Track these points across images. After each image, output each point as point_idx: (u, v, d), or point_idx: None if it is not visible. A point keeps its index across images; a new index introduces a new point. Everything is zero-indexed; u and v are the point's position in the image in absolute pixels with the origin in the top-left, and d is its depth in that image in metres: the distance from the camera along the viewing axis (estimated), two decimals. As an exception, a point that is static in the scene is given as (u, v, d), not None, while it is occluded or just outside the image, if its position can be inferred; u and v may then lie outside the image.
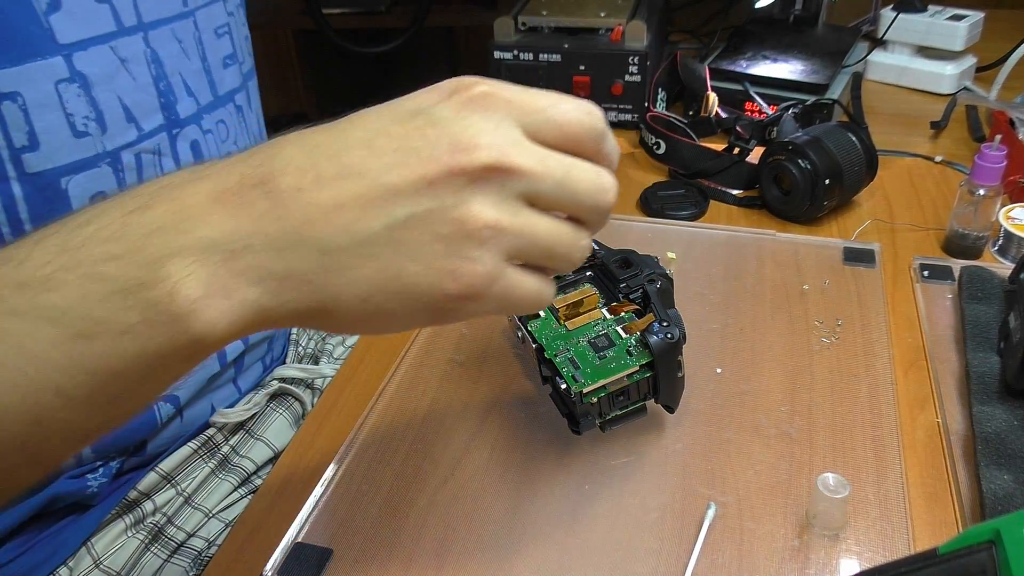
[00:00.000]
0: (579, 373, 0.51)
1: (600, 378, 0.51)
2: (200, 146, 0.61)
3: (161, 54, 0.56)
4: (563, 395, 0.52)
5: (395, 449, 0.57)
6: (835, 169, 0.78)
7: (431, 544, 0.50)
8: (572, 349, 0.53)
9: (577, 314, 0.55)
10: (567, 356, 0.52)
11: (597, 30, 1.04)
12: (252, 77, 0.71)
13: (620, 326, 0.53)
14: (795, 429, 0.57)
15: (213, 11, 0.62)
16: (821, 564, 0.48)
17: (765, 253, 0.75)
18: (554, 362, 0.52)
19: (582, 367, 0.51)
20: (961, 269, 0.71)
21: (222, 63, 0.64)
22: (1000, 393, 0.58)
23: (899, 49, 1.11)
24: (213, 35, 0.62)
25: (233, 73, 0.65)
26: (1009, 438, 0.54)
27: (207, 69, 0.62)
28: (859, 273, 0.73)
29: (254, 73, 0.72)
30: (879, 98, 1.10)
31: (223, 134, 0.64)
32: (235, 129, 0.66)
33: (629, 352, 0.52)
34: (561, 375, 0.51)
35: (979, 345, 0.62)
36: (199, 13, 0.60)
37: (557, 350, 0.53)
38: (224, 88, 0.64)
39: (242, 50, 0.67)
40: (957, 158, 0.93)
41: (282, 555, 0.50)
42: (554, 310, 0.55)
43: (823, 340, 0.65)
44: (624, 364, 0.51)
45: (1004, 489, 0.51)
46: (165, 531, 0.60)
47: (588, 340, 0.53)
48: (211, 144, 0.62)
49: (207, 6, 0.62)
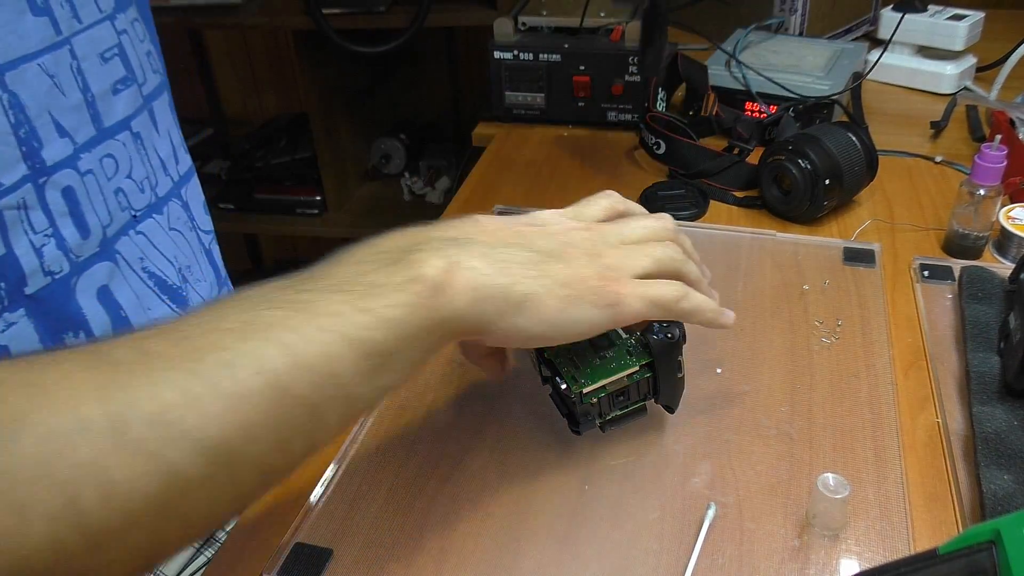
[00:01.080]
0: (579, 373, 0.51)
1: (600, 378, 0.51)
2: (75, 192, 0.54)
3: (22, 96, 0.50)
4: (563, 395, 0.52)
5: (395, 449, 0.57)
6: (835, 169, 0.78)
7: (431, 544, 0.50)
8: (572, 349, 0.52)
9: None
10: (567, 356, 0.52)
11: (597, 30, 1.04)
12: (160, 94, 0.65)
13: (620, 326, 0.53)
14: (795, 429, 0.57)
15: (96, 34, 0.56)
16: (821, 564, 0.48)
17: (765, 253, 0.75)
18: (554, 362, 0.52)
19: (582, 367, 0.51)
20: (961, 269, 0.71)
21: (111, 90, 0.57)
22: (1000, 393, 0.58)
23: (899, 49, 1.11)
24: (98, 61, 0.56)
25: (128, 98, 0.59)
26: (1009, 438, 0.54)
27: (89, 101, 0.55)
28: (859, 273, 0.73)
29: (165, 87, 0.67)
30: (879, 98, 1.09)
31: (111, 170, 0.58)
32: (129, 160, 0.59)
33: (629, 352, 0.52)
34: (561, 375, 0.51)
35: (979, 345, 0.62)
36: (77, 40, 0.54)
37: (557, 350, 0.53)
38: (113, 118, 0.58)
39: (143, 68, 0.62)
40: (957, 158, 0.93)
41: (282, 555, 0.50)
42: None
43: (823, 340, 0.65)
44: (624, 364, 0.51)
45: (1004, 489, 0.51)
46: None
47: (588, 340, 0.51)
48: (91, 186, 0.55)
49: (87, 30, 0.55)
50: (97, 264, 0.57)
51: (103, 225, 0.57)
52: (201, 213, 0.71)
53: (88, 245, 0.56)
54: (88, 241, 0.56)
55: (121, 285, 0.59)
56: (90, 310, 0.56)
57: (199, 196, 0.72)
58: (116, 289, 0.59)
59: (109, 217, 0.58)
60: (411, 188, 2.09)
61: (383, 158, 2.08)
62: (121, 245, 0.59)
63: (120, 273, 0.59)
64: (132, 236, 0.61)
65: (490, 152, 1.04)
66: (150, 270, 0.62)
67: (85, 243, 0.56)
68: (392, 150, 2.07)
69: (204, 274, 0.70)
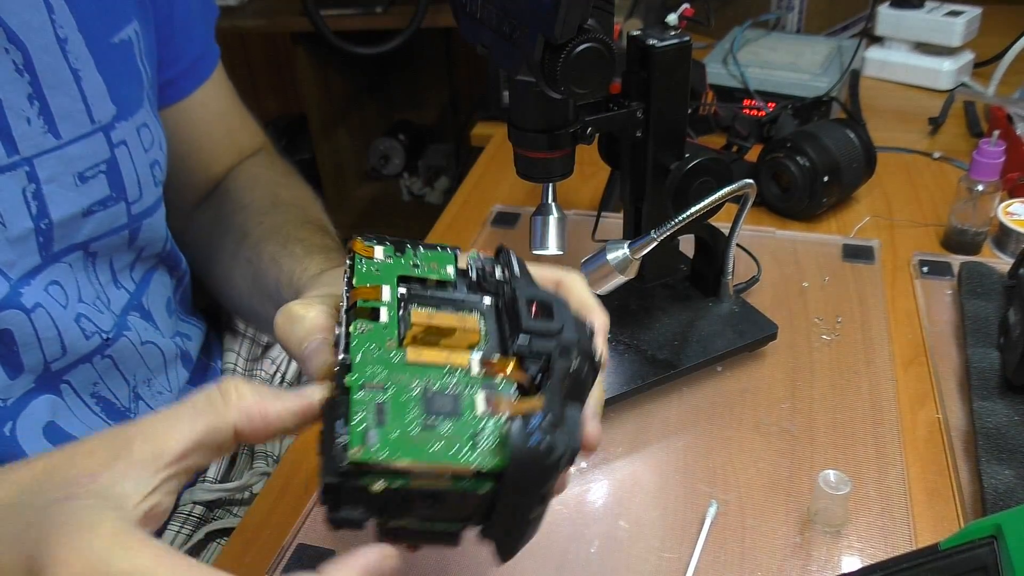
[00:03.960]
0: (378, 431, 0.31)
1: (409, 456, 0.31)
2: (12, 334, 0.49)
3: None
4: (330, 451, 0.31)
5: (396, 450, 0.57)
6: (833, 166, 0.78)
7: (433, 544, 0.51)
8: (392, 390, 0.33)
9: (433, 345, 0.36)
10: (375, 396, 0.33)
11: (595, 29, 1.04)
12: (156, 210, 0.58)
13: (485, 392, 0.34)
14: (796, 426, 0.57)
15: (77, 151, 0.50)
16: (823, 561, 0.48)
17: (764, 251, 0.75)
18: (350, 394, 0.33)
19: (390, 424, 0.32)
20: (960, 265, 0.71)
21: (82, 212, 0.51)
22: (1000, 388, 0.58)
23: (896, 45, 1.11)
24: (72, 182, 0.50)
25: (103, 219, 0.53)
26: (1010, 433, 0.54)
27: (42, 229, 0.50)
28: (858, 270, 0.73)
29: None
30: (877, 95, 1.09)
31: (61, 298, 0.52)
32: (76, 283, 0.53)
33: (475, 439, 0.32)
34: (348, 418, 0.32)
35: (979, 340, 0.62)
36: (44, 160, 0.48)
37: (368, 379, 0.33)
38: (69, 242, 0.51)
39: (139, 184, 0.55)
40: (955, 154, 0.93)
41: (284, 556, 0.50)
42: (405, 323, 0.37)
43: (823, 337, 0.65)
44: (457, 453, 0.31)
45: (1005, 484, 0.51)
46: None
47: (424, 389, 0.34)
48: (40, 322, 0.50)
49: (64, 147, 0.49)
50: (34, 401, 0.51)
51: (46, 361, 0.51)
52: (165, 318, 0.63)
53: (17, 385, 0.50)
54: (17, 381, 0.50)
55: (69, 419, 0.53)
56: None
57: (163, 297, 0.63)
58: (66, 423, 0.53)
59: (61, 350, 0.51)
60: (410, 188, 2.09)
61: (382, 159, 2.08)
62: (74, 375, 0.53)
63: (65, 404, 0.53)
64: (96, 362, 0.55)
65: (488, 152, 1.04)
66: (100, 394, 0.56)
67: (14, 383, 0.50)
68: (391, 151, 2.07)
69: (170, 383, 0.63)
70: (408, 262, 0.40)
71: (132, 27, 0.55)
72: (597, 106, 0.58)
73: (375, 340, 0.35)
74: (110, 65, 0.52)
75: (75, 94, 0.50)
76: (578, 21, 0.45)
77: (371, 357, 0.34)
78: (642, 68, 0.58)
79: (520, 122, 0.55)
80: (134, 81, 0.55)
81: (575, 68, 0.46)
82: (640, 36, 0.58)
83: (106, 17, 0.53)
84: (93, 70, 0.51)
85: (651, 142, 0.60)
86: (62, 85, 0.49)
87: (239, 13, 1.74)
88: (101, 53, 0.52)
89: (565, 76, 0.46)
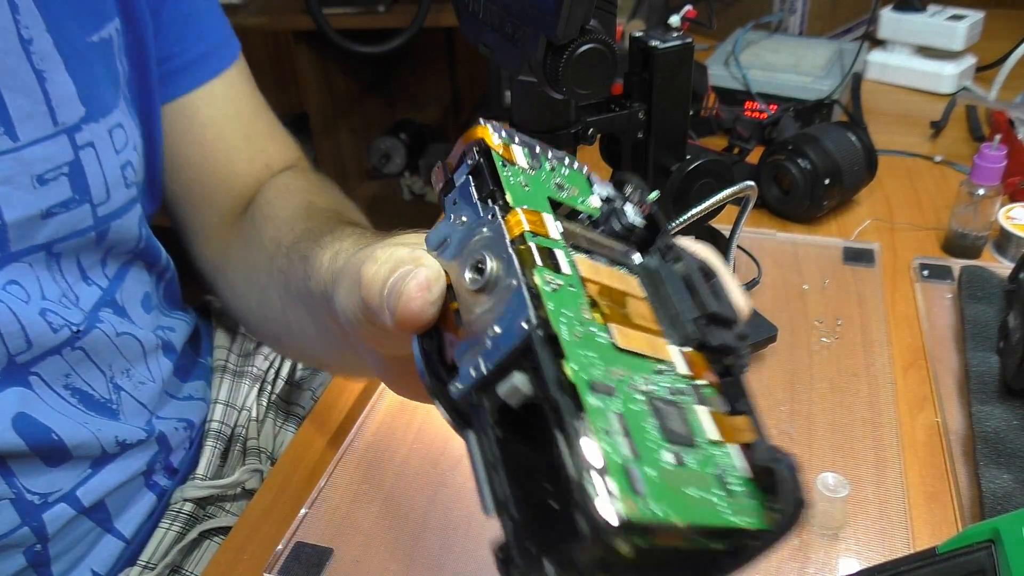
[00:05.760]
0: (638, 469, 0.21)
1: (679, 513, 0.21)
2: None
3: None
4: (566, 494, 0.21)
5: (395, 449, 0.57)
6: (835, 169, 0.78)
7: (431, 544, 0.51)
8: (621, 396, 0.23)
9: (626, 320, 0.26)
10: (608, 404, 0.22)
11: (597, 30, 1.04)
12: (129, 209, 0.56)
13: (704, 407, 0.26)
14: (795, 429, 0.57)
15: (35, 153, 0.49)
16: (821, 563, 0.48)
17: (765, 252, 0.75)
18: (580, 395, 0.22)
19: (643, 455, 0.22)
20: (961, 269, 0.71)
21: (40, 215, 0.50)
22: (999, 392, 0.58)
23: (899, 49, 1.11)
24: (29, 184, 0.49)
25: (65, 222, 0.52)
26: (1008, 437, 0.54)
27: None
28: (859, 273, 0.73)
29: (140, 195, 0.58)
30: (879, 98, 1.09)
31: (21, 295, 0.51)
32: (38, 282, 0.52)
33: (723, 481, 0.24)
34: (592, 436, 0.21)
35: (978, 344, 0.62)
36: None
37: (592, 375, 0.23)
38: (28, 243, 0.50)
39: (107, 186, 0.53)
40: (957, 158, 0.93)
41: (283, 554, 0.50)
42: (578, 276, 0.26)
43: (823, 340, 0.65)
44: (718, 504, 0.23)
45: (1003, 488, 0.51)
46: None
47: (646, 395, 0.24)
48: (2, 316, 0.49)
49: (21, 150, 0.48)
50: (1, 393, 0.50)
51: (10, 354, 0.50)
52: (142, 314, 0.61)
53: None
54: None
55: (42, 409, 0.52)
56: (10, 443, 0.50)
57: (140, 292, 0.61)
58: (38, 413, 0.52)
59: (26, 344, 0.50)
60: (411, 188, 2.09)
61: (383, 158, 2.08)
62: (43, 367, 0.52)
63: (36, 395, 0.52)
64: (66, 354, 0.53)
65: (490, 152, 1.04)
66: (75, 386, 0.55)
67: None
68: (392, 150, 2.07)
69: (151, 373, 0.61)
70: (550, 179, 0.29)
71: (113, 25, 0.54)
72: (599, 107, 0.58)
73: (567, 305, 0.24)
74: (84, 65, 0.51)
75: (37, 96, 0.49)
76: (580, 22, 0.45)
77: (573, 333, 0.23)
78: (644, 69, 0.58)
79: (522, 122, 0.55)
80: (111, 81, 0.54)
81: (577, 69, 0.46)
82: (642, 37, 0.58)
83: (83, 17, 0.52)
84: (62, 71, 0.50)
85: (652, 143, 0.60)
86: (23, 87, 0.48)
87: (241, 11, 1.74)
88: (74, 53, 0.50)
89: (567, 77, 0.46)
